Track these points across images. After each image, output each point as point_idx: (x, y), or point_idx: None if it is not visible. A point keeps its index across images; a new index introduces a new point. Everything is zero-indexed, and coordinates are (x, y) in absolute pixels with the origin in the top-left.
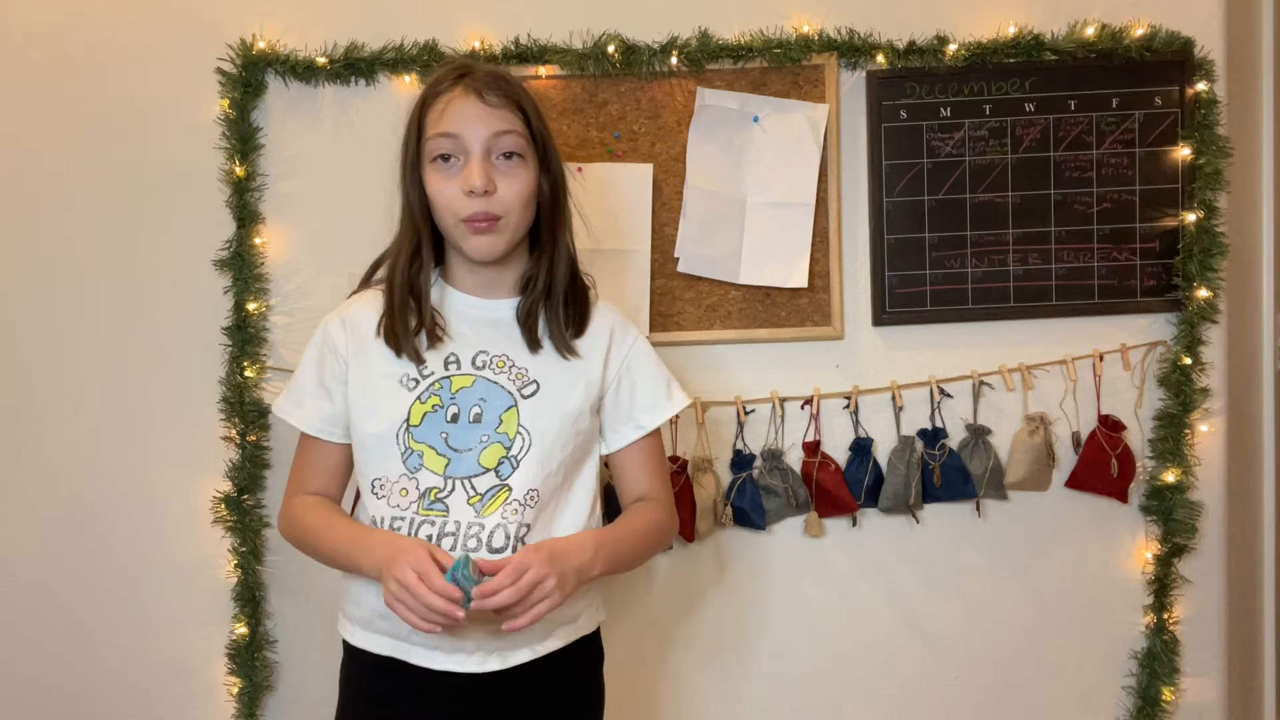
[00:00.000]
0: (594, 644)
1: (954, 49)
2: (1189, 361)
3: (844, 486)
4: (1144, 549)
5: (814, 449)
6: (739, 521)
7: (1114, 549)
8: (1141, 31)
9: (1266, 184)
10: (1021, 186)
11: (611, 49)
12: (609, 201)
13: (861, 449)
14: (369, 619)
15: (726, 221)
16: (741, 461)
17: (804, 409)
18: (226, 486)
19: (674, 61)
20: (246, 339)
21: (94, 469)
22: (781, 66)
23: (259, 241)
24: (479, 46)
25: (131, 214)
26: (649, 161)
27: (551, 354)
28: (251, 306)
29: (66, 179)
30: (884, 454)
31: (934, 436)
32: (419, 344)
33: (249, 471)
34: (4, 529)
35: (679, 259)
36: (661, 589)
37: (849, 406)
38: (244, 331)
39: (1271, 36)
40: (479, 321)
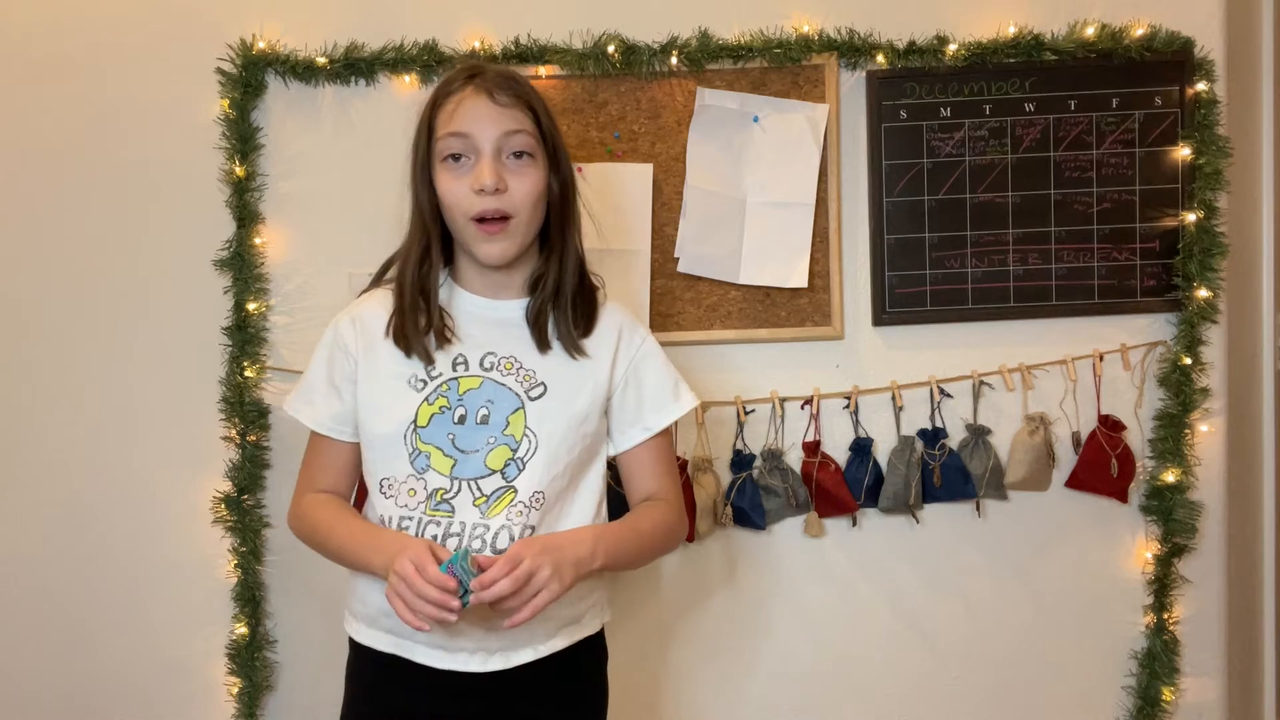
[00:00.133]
0: (598, 644)
1: (954, 49)
2: (1189, 361)
3: (844, 486)
4: (1144, 549)
5: (814, 449)
6: (739, 521)
7: (1114, 549)
8: (1141, 31)
9: (1266, 184)
10: (1021, 186)
11: (611, 49)
12: (609, 201)
13: (861, 449)
14: (374, 616)
15: (726, 221)
16: (741, 461)
17: (804, 409)
18: (226, 486)
19: (674, 61)
20: (246, 339)
21: (94, 469)
22: (781, 66)
23: (259, 241)
24: (479, 46)
25: (131, 214)
26: (649, 161)
27: (559, 355)
28: (251, 306)
29: (66, 179)
30: (884, 454)
31: (934, 436)
32: (428, 344)
33: (249, 471)
34: (4, 529)
35: (679, 259)
36: (662, 589)
37: (849, 406)
38: (244, 331)
39: (1271, 36)
40: (487, 322)
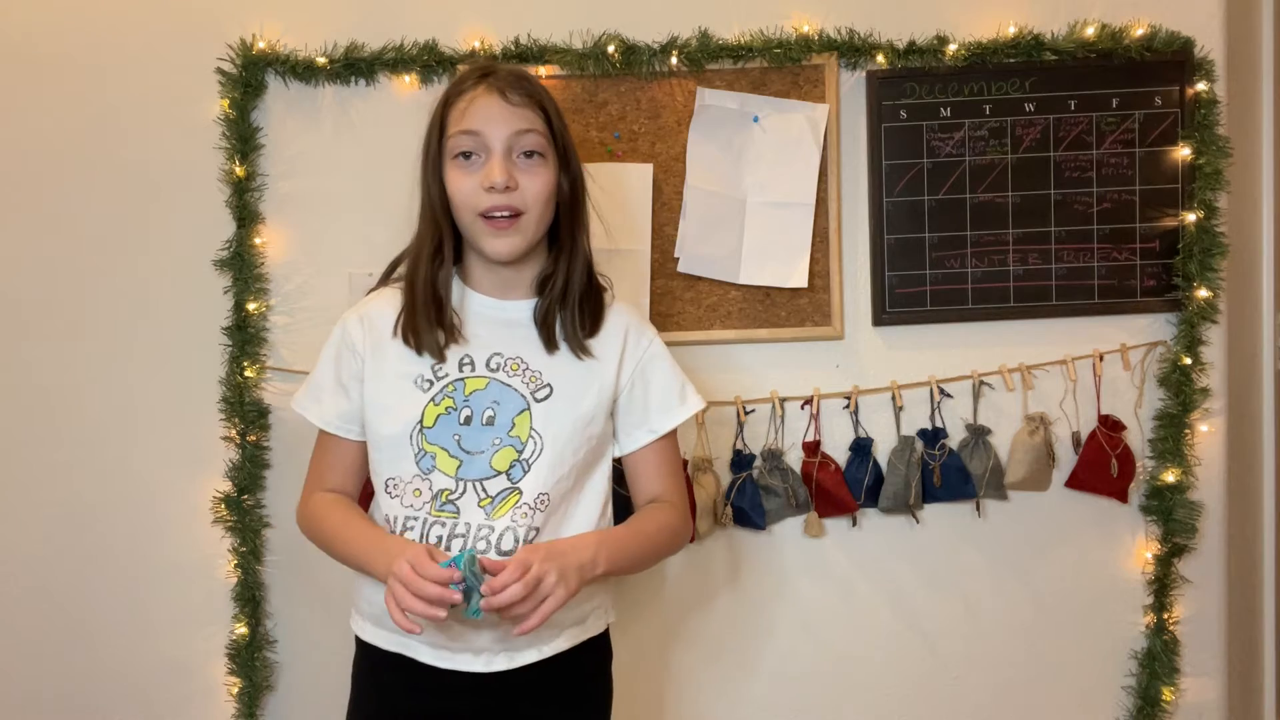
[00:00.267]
0: (602, 645)
1: (954, 49)
2: (1189, 361)
3: (844, 486)
4: (1144, 549)
5: (814, 449)
6: (739, 521)
7: (1114, 549)
8: (1141, 31)
9: (1266, 184)
10: (1021, 186)
11: (611, 49)
12: (609, 201)
13: (861, 449)
14: (379, 615)
15: (726, 221)
16: (741, 461)
17: (804, 409)
18: (226, 486)
19: (674, 61)
20: (246, 339)
21: (94, 469)
22: (781, 66)
23: (259, 241)
24: (479, 46)
25: (131, 214)
26: (649, 161)
27: (566, 356)
28: (251, 306)
29: (66, 179)
30: (884, 454)
31: (934, 436)
32: (438, 340)
33: (249, 471)
34: (4, 529)
35: (679, 259)
36: (666, 590)
37: (849, 406)
38: (244, 331)
39: (1271, 36)
40: (495, 323)
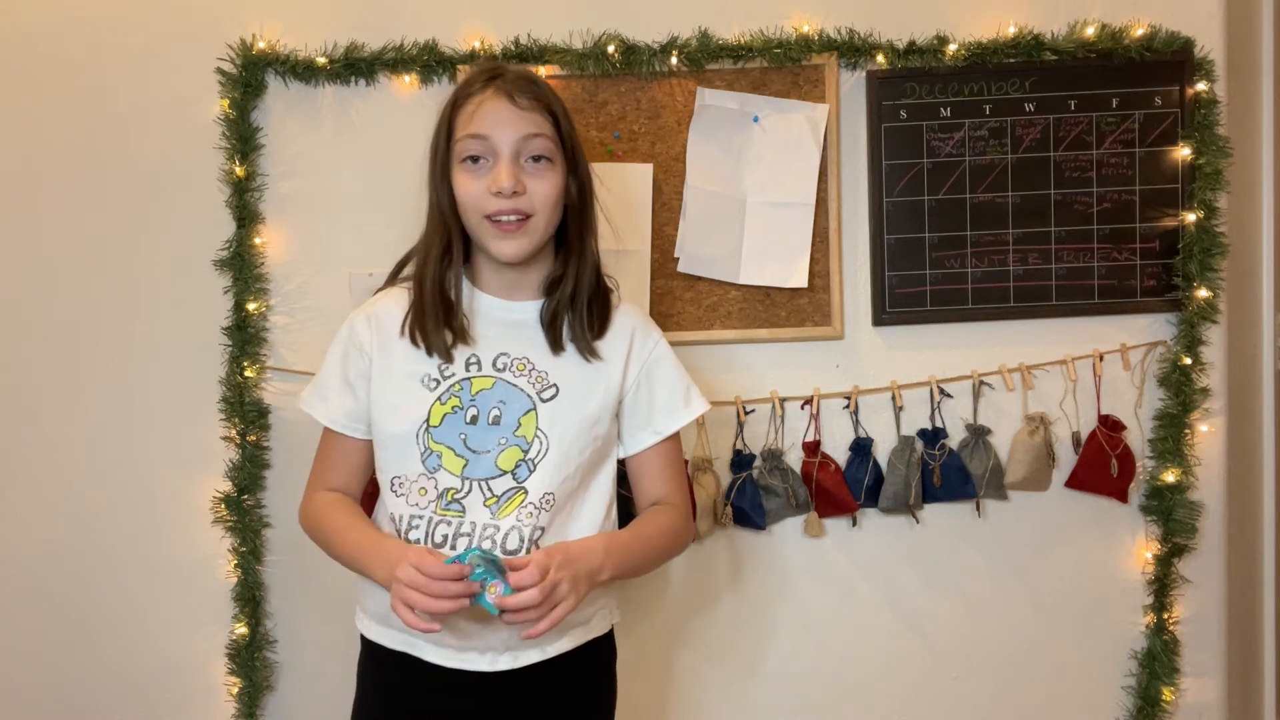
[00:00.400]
0: (606, 645)
1: (954, 49)
2: (1189, 361)
3: (844, 486)
4: (1144, 549)
5: (814, 449)
6: (739, 521)
7: (1114, 549)
8: (1141, 31)
9: (1266, 184)
10: (1021, 186)
11: (611, 49)
12: (609, 202)
13: (861, 449)
14: (384, 614)
15: (726, 221)
16: (741, 461)
17: (804, 409)
18: (226, 486)
19: (674, 61)
20: (246, 339)
21: (94, 469)
22: (781, 66)
23: (259, 241)
24: (479, 46)
25: (131, 214)
26: (649, 161)
27: (572, 357)
28: (251, 306)
29: (66, 179)
30: (884, 454)
31: (934, 436)
32: (446, 340)
33: (249, 471)
34: (4, 529)
35: (679, 259)
36: (669, 591)
37: (849, 406)
38: (244, 331)
39: (1271, 36)
40: (502, 323)
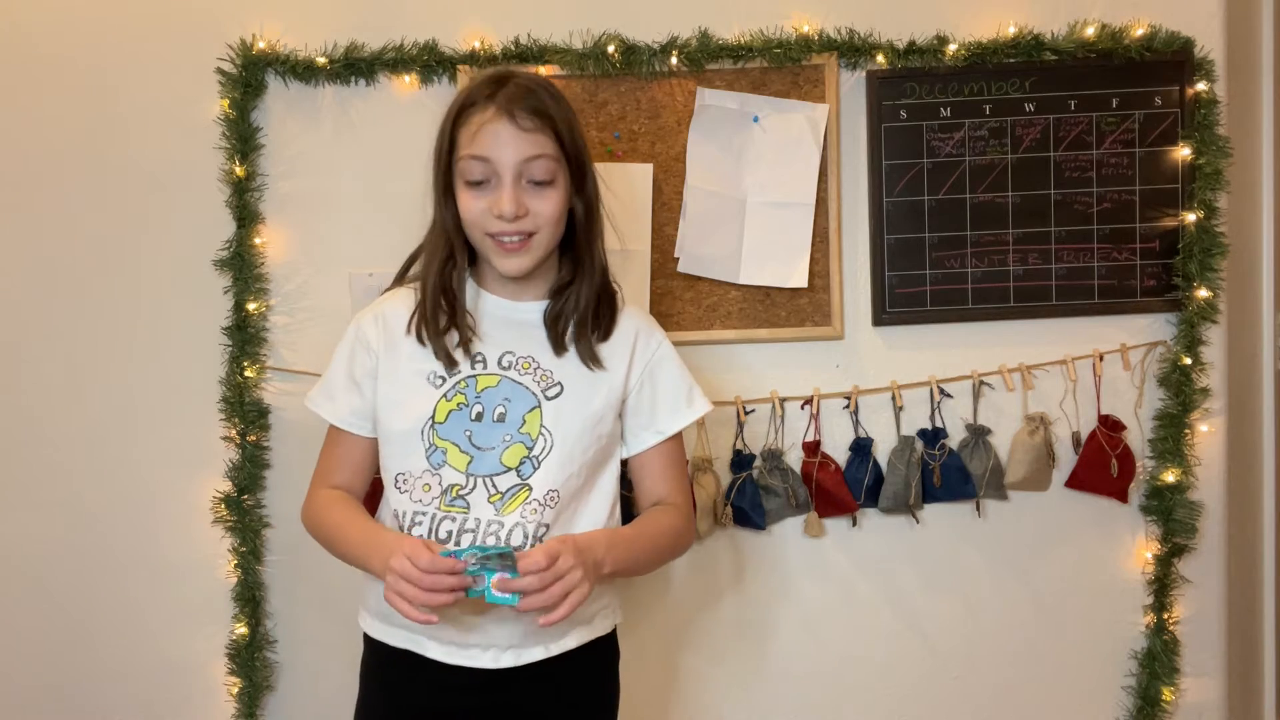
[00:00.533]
0: (609, 645)
1: (954, 49)
2: (1189, 361)
3: (844, 486)
4: (1144, 549)
5: (814, 449)
6: (739, 521)
7: (1114, 549)
8: (1141, 31)
9: (1266, 184)
10: (1021, 186)
11: (611, 49)
12: (609, 202)
13: (861, 449)
14: (387, 612)
15: (726, 221)
16: (741, 461)
17: (804, 409)
18: (226, 486)
19: (674, 61)
20: (246, 339)
21: (94, 469)
22: (781, 66)
23: (259, 241)
24: (479, 46)
25: (131, 214)
26: (649, 161)
27: (576, 356)
28: (251, 306)
29: (66, 179)
30: (884, 454)
31: (934, 436)
32: (450, 342)
33: (249, 471)
34: (4, 529)
35: (679, 259)
36: (671, 591)
37: (849, 406)
38: (244, 331)
39: (1271, 36)
40: (507, 322)
